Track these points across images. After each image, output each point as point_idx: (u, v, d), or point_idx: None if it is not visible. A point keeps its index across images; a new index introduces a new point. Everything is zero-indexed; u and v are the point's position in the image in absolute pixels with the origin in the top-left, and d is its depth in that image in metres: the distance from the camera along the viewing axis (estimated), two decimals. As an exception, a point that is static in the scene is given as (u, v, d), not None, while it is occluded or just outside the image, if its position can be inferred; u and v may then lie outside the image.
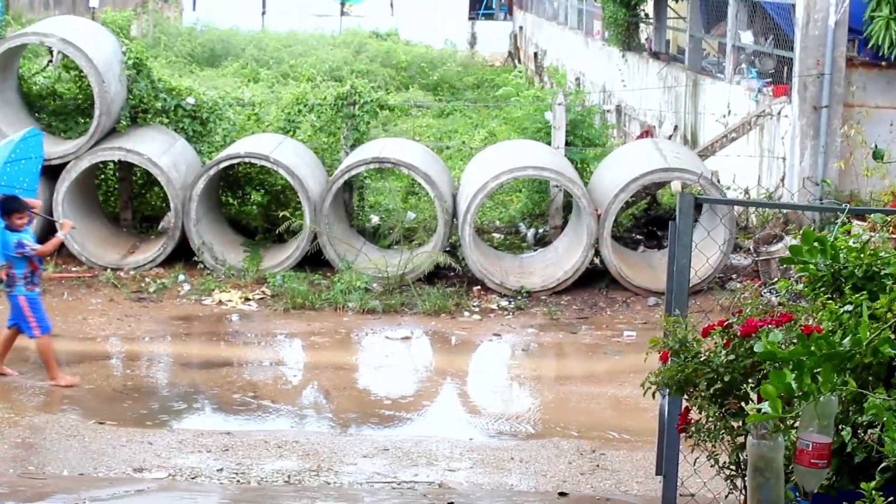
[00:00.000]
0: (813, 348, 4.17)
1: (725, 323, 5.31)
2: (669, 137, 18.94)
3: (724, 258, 13.87)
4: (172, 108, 15.46)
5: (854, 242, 5.28)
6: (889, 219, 7.03)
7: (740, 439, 5.22)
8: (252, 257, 14.64)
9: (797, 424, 4.55)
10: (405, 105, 23.97)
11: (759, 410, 4.22)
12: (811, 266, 5.15)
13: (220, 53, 31.33)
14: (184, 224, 14.46)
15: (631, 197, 14.59)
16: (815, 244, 5.07)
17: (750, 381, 5.16)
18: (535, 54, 34.58)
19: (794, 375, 4.12)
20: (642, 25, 23.71)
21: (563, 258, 14.54)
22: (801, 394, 4.14)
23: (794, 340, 4.34)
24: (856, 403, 4.77)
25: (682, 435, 5.62)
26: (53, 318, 12.90)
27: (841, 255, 5.17)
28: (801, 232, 5.19)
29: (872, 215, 6.25)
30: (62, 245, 14.32)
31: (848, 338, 4.29)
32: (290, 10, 38.51)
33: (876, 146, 6.24)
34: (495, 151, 15.73)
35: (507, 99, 21.34)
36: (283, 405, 10.69)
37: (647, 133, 20.08)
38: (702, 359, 5.27)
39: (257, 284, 14.18)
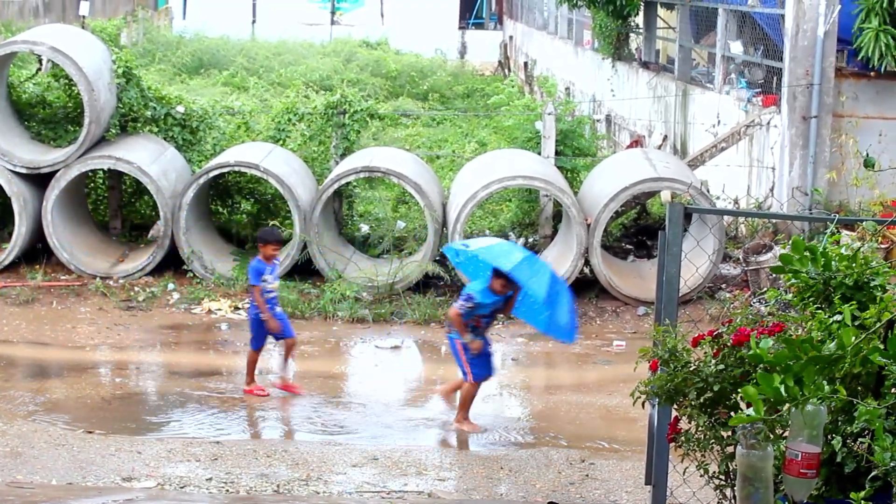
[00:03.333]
0: (798, 352, 4.18)
1: (715, 333, 5.31)
2: (659, 147, 18.96)
3: (713, 268, 13.89)
4: (162, 117, 15.44)
5: (845, 251, 5.28)
6: (879, 228, 7.04)
7: (730, 449, 5.22)
8: (242, 266, 14.60)
9: (786, 434, 4.55)
10: (395, 114, 23.97)
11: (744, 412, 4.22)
12: (802, 274, 5.14)
13: (210, 62, 31.28)
14: (173, 233, 14.44)
15: (621, 206, 14.59)
16: (806, 253, 5.07)
17: (740, 390, 5.15)
18: (525, 64, 34.61)
19: (780, 379, 4.12)
20: (632, 35, 23.74)
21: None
22: (787, 398, 4.15)
23: (781, 346, 4.34)
24: (845, 413, 4.77)
25: (672, 444, 5.62)
26: (42, 327, 12.93)
27: (832, 264, 5.16)
28: (791, 241, 5.18)
29: (864, 224, 6.24)
30: (52, 254, 14.35)
31: (833, 342, 4.30)
32: (280, 18, 38.48)
33: (868, 155, 6.25)
34: (485, 161, 15.73)
35: (497, 108, 21.34)
36: (272, 414, 10.67)
37: (636, 143, 20.10)
38: (691, 368, 5.27)
39: (247, 293, 14.15)
